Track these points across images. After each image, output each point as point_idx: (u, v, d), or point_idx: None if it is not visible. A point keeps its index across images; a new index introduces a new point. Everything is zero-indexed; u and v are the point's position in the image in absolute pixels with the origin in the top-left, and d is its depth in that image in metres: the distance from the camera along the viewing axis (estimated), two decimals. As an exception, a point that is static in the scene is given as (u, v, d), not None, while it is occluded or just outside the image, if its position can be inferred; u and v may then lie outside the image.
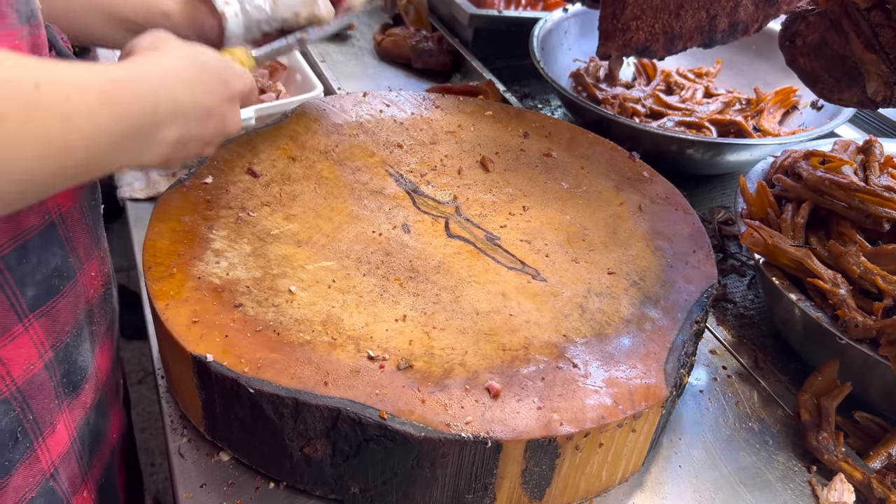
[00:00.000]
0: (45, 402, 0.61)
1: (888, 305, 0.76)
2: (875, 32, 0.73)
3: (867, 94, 0.79)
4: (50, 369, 0.60)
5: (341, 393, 0.62)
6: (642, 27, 1.03)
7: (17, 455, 0.59)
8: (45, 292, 0.58)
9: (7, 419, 0.57)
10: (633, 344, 0.70)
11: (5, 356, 0.55)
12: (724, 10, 1.03)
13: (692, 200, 0.94)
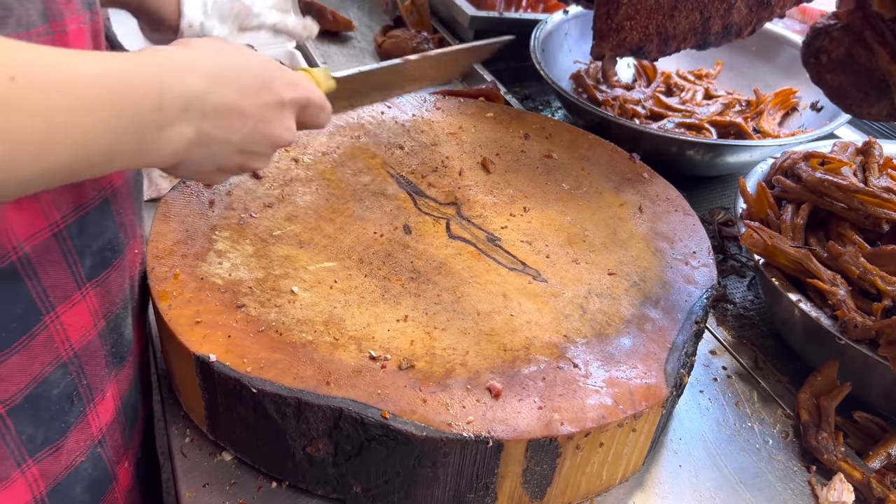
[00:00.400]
0: (97, 370, 0.63)
1: (887, 306, 0.77)
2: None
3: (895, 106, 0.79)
4: (102, 338, 0.63)
5: (343, 393, 0.62)
6: (636, 27, 1.04)
7: (72, 418, 0.61)
8: (100, 263, 0.60)
9: (65, 382, 0.59)
10: (633, 344, 0.71)
11: (66, 322, 0.57)
12: (718, 13, 1.03)
13: (692, 201, 0.94)
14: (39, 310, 0.55)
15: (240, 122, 0.54)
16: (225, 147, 0.54)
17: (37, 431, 0.57)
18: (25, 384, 0.55)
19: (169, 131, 0.49)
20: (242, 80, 0.54)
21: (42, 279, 0.54)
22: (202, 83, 0.50)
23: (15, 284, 0.52)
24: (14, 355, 0.53)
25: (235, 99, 0.53)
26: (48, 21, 0.49)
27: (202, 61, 0.51)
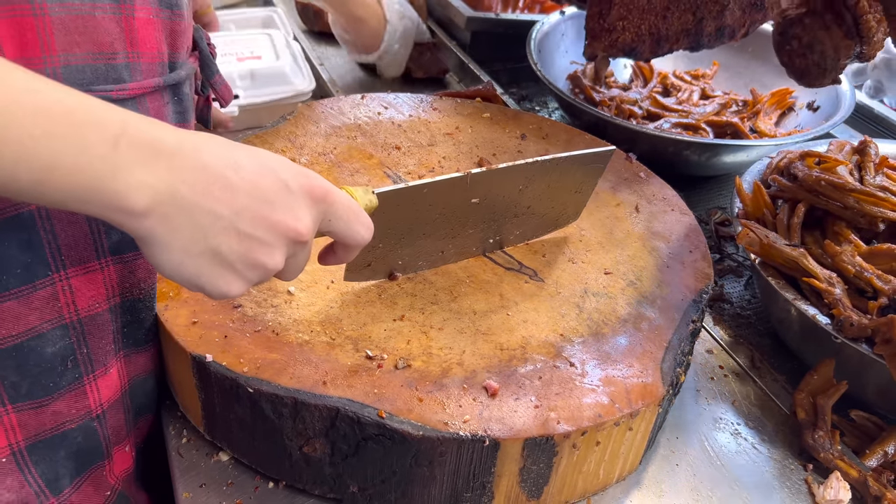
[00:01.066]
0: (101, 343, 0.63)
1: (883, 304, 0.77)
2: (857, 21, 0.77)
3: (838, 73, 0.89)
4: (113, 313, 0.63)
5: (340, 392, 0.62)
6: (629, 28, 1.04)
7: (63, 381, 0.61)
8: (125, 242, 0.60)
9: (63, 344, 0.59)
10: (629, 343, 0.71)
11: (76, 285, 0.58)
12: (711, 14, 1.04)
13: (689, 201, 0.94)
14: (49, 265, 0.55)
15: (228, 193, 0.47)
16: (215, 221, 0.47)
17: (21, 381, 0.58)
18: (16, 331, 0.55)
19: (127, 176, 0.43)
20: (235, 155, 0.49)
21: (59, 236, 0.54)
22: (178, 143, 0.46)
23: (27, 233, 0.52)
24: (10, 301, 0.54)
25: (221, 169, 0.47)
26: (117, 1, 0.51)
27: (190, 135, 0.47)
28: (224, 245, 0.48)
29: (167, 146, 0.45)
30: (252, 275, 0.51)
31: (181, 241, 0.47)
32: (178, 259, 0.48)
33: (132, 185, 0.44)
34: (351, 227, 0.56)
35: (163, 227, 0.46)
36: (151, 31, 0.56)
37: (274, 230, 0.50)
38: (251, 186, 0.48)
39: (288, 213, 0.50)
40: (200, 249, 0.48)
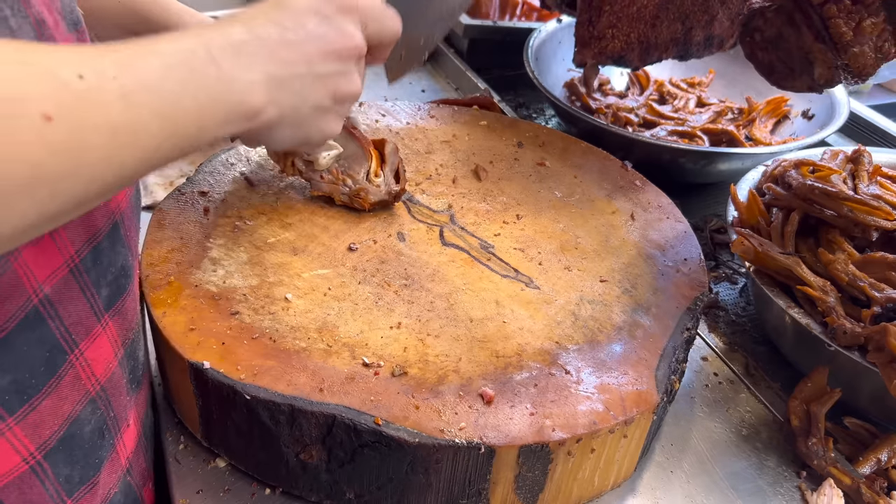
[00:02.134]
0: (120, 399, 0.62)
1: (876, 313, 0.77)
2: (826, 25, 0.78)
3: (814, 79, 0.87)
4: (123, 366, 0.62)
5: (336, 399, 0.62)
6: (618, 36, 1.05)
7: (104, 452, 0.60)
8: (116, 291, 0.60)
9: (95, 417, 0.58)
10: (624, 351, 0.71)
11: (90, 357, 0.57)
12: (700, 23, 1.05)
13: (685, 208, 0.95)
14: (64, 349, 0.54)
15: (296, 51, 0.54)
16: (303, 80, 0.55)
17: (73, 471, 0.56)
18: (59, 426, 0.54)
19: (238, 78, 0.49)
20: (277, 16, 0.54)
21: (64, 318, 0.53)
22: (239, 29, 0.51)
23: (39, 328, 0.51)
24: (45, 399, 0.52)
25: (279, 34, 0.53)
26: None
27: (236, 16, 0.52)
28: (317, 94, 0.56)
29: (240, 40, 0.50)
30: (344, 108, 0.61)
31: (291, 113, 0.55)
32: (291, 131, 0.56)
33: (245, 88, 0.50)
34: (383, 22, 0.63)
35: (277, 110, 0.53)
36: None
37: (342, 57, 0.57)
38: (305, 34, 0.55)
39: (341, 37, 0.57)
40: (306, 112, 0.56)
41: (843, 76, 0.90)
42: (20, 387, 0.50)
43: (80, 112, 0.39)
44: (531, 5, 1.67)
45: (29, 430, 0.51)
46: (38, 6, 0.47)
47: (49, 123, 0.37)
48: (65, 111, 0.38)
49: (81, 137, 0.39)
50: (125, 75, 0.42)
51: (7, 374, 0.49)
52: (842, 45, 0.83)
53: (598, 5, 1.06)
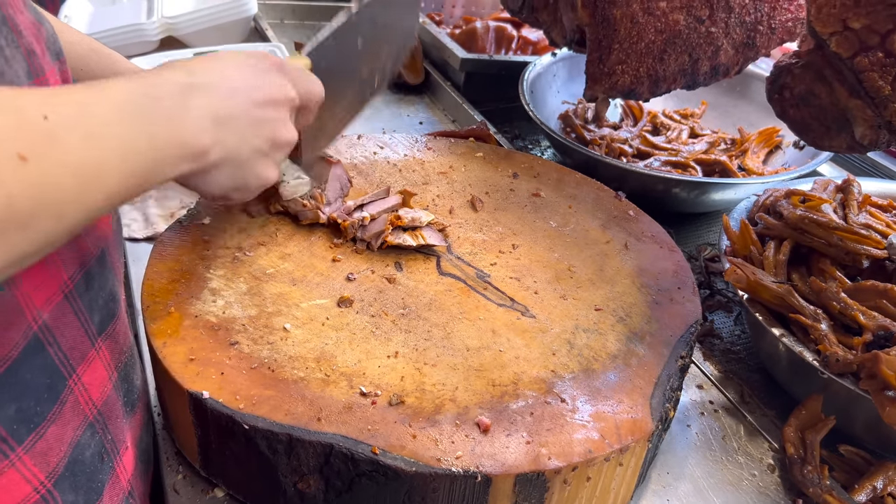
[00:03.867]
0: (117, 422, 0.63)
1: (868, 340, 0.78)
2: (859, 79, 0.77)
3: (856, 139, 0.82)
4: (117, 389, 0.63)
5: (334, 429, 0.63)
6: (627, 71, 1.07)
7: (104, 476, 0.61)
8: (107, 316, 0.61)
9: (94, 442, 0.59)
10: (619, 379, 0.72)
11: (87, 381, 0.58)
12: (706, 54, 1.07)
13: (679, 237, 0.97)
14: (63, 375, 0.55)
15: (238, 96, 0.57)
16: (243, 122, 0.57)
17: (78, 496, 0.57)
18: (64, 453, 0.55)
19: (186, 117, 0.52)
20: (220, 65, 0.57)
21: (61, 344, 0.54)
22: (190, 74, 0.54)
23: (41, 355, 0.52)
24: (50, 426, 0.53)
25: (224, 80, 0.56)
26: (32, 78, 0.51)
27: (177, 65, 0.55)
28: (256, 138, 0.59)
29: (182, 81, 0.53)
30: (279, 154, 0.63)
31: (231, 155, 0.57)
32: (230, 172, 0.58)
33: (193, 128, 0.52)
34: (309, 83, 0.67)
35: (220, 151, 0.55)
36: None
37: (278, 105, 0.61)
38: (244, 82, 0.58)
39: (277, 87, 0.61)
40: (246, 155, 0.58)
41: (889, 137, 0.82)
42: (26, 415, 0.51)
43: (50, 152, 0.40)
44: (526, 39, 1.71)
45: (38, 458, 0.52)
46: (28, 38, 0.50)
47: (24, 163, 0.38)
48: (37, 151, 0.39)
49: (53, 177, 0.40)
50: (85, 115, 0.44)
51: (13, 403, 0.50)
52: (880, 99, 0.78)
53: (607, 44, 1.09)
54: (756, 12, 1.06)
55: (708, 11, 1.05)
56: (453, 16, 1.98)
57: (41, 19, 0.54)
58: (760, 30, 1.07)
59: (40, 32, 0.53)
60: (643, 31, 1.04)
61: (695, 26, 1.05)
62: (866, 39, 0.75)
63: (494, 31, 1.69)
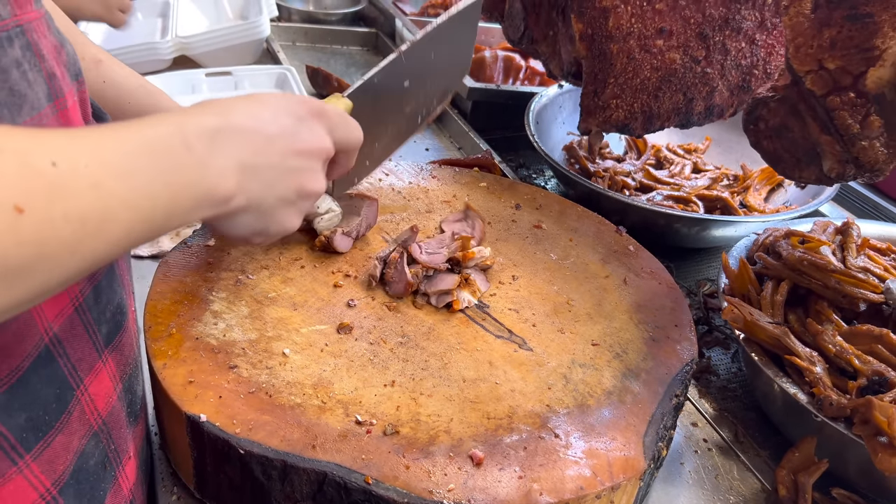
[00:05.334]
0: (121, 432, 0.64)
1: (862, 385, 0.79)
2: (830, 116, 0.79)
3: (823, 171, 0.85)
4: (122, 400, 0.64)
5: (328, 457, 0.64)
6: (622, 105, 1.09)
7: (107, 484, 0.62)
8: (114, 328, 0.62)
9: (98, 451, 0.60)
10: (613, 416, 0.73)
11: (93, 392, 0.58)
12: (701, 95, 1.09)
13: (680, 272, 0.97)
14: (71, 385, 0.56)
15: (270, 144, 0.55)
16: (273, 171, 0.56)
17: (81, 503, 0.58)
18: (70, 461, 0.56)
19: (212, 164, 0.50)
20: (256, 109, 0.56)
21: (70, 355, 0.55)
22: (220, 117, 0.52)
23: (50, 366, 0.53)
24: (58, 435, 0.54)
25: (257, 126, 0.55)
26: (52, 100, 0.51)
27: (210, 105, 0.54)
28: (283, 187, 0.57)
29: (216, 126, 0.51)
30: (306, 203, 0.62)
31: (255, 202, 0.56)
32: (253, 219, 0.57)
33: (218, 175, 0.51)
34: (348, 130, 0.66)
35: (245, 198, 0.54)
36: (77, 114, 0.55)
37: (311, 156, 0.60)
38: (280, 130, 0.57)
39: (312, 137, 0.60)
40: (271, 202, 0.57)
41: (855, 171, 0.86)
42: (35, 424, 0.52)
43: (51, 202, 0.38)
44: (534, 70, 1.73)
45: (45, 465, 0.53)
46: (50, 61, 0.51)
47: (20, 216, 0.36)
48: (36, 202, 0.37)
49: (51, 228, 0.38)
50: (97, 162, 0.42)
51: (23, 412, 0.51)
52: (848, 137, 0.81)
53: (602, 77, 1.11)
54: (752, 56, 1.08)
55: (704, 52, 1.07)
56: (463, 43, 2.00)
57: (63, 41, 0.55)
58: (756, 73, 1.09)
59: (61, 55, 0.54)
60: (639, 68, 1.06)
61: (691, 66, 1.07)
62: (839, 80, 0.78)
63: (503, 60, 1.71)
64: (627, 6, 1.09)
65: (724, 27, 1.14)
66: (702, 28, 1.13)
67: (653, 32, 1.11)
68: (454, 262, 0.88)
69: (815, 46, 0.80)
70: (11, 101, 0.46)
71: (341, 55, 1.89)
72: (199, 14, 1.79)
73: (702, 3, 1.11)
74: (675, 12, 1.11)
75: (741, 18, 1.14)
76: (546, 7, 1.23)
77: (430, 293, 0.84)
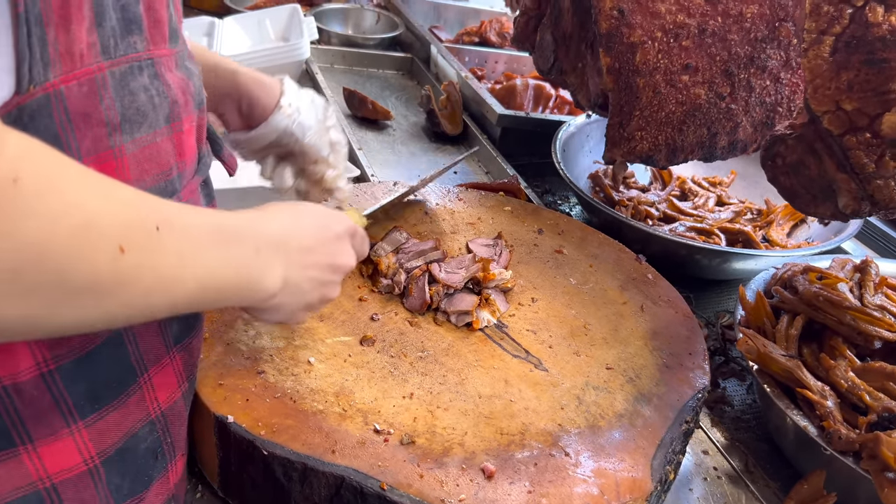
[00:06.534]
0: (179, 429, 0.68)
1: (872, 420, 0.80)
2: (847, 155, 0.81)
3: (839, 208, 0.87)
4: (186, 399, 0.68)
5: (347, 462, 0.67)
6: (646, 138, 1.11)
7: (155, 472, 0.65)
8: (185, 329, 0.67)
9: (151, 438, 0.64)
10: (623, 438, 0.75)
11: (157, 383, 0.63)
12: (724, 130, 1.11)
13: (700, 302, 0.99)
14: (136, 371, 0.61)
15: (314, 257, 0.65)
16: (307, 284, 0.65)
17: (123, 482, 0.62)
18: (119, 438, 0.60)
19: (269, 272, 0.59)
20: (305, 221, 0.66)
21: (140, 344, 0.61)
22: (283, 230, 0.63)
23: (119, 350, 0.59)
24: (113, 412, 0.59)
25: (308, 241, 0.65)
26: (170, 122, 0.58)
27: (274, 214, 0.63)
28: (312, 295, 0.66)
29: (278, 238, 0.61)
30: (322, 306, 0.71)
31: (290, 302, 0.64)
32: (285, 316, 0.66)
33: (269, 276, 0.59)
34: (363, 250, 0.75)
35: (283, 298, 0.62)
36: (191, 137, 0.63)
37: (338, 272, 0.69)
38: (319, 245, 0.66)
39: (342, 255, 0.70)
40: (299, 304, 0.66)
41: (870, 209, 0.88)
42: (94, 396, 0.57)
43: (145, 256, 0.47)
44: (564, 98, 1.76)
45: (94, 435, 0.57)
46: (175, 90, 0.59)
47: (121, 255, 0.45)
48: (135, 250, 0.46)
49: (138, 274, 0.47)
50: (188, 238, 0.51)
51: (84, 382, 0.56)
52: (864, 175, 0.84)
53: (628, 110, 1.14)
54: (777, 94, 1.10)
55: (729, 89, 1.09)
56: (495, 71, 2.05)
57: (190, 76, 0.63)
58: (780, 111, 1.11)
59: (188, 87, 0.61)
60: (664, 102, 1.09)
61: (715, 102, 1.10)
62: (856, 120, 0.80)
63: (534, 88, 1.75)
64: (655, 42, 1.12)
65: (749, 65, 1.17)
66: (727, 65, 1.16)
67: (679, 68, 1.15)
68: (474, 282, 0.91)
69: (832, 88, 0.83)
70: (136, 117, 0.54)
71: (377, 78, 1.95)
72: (244, 34, 1.86)
73: (728, 42, 1.14)
74: (701, 49, 1.14)
75: (766, 57, 1.17)
76: (576, 40, 1.27)
77: (450, 312, 0.88)
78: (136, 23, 0.53)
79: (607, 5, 1.10)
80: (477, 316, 0.87)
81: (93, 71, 0.49)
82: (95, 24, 0.49)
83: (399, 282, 0.90)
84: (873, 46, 0.80)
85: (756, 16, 1.13)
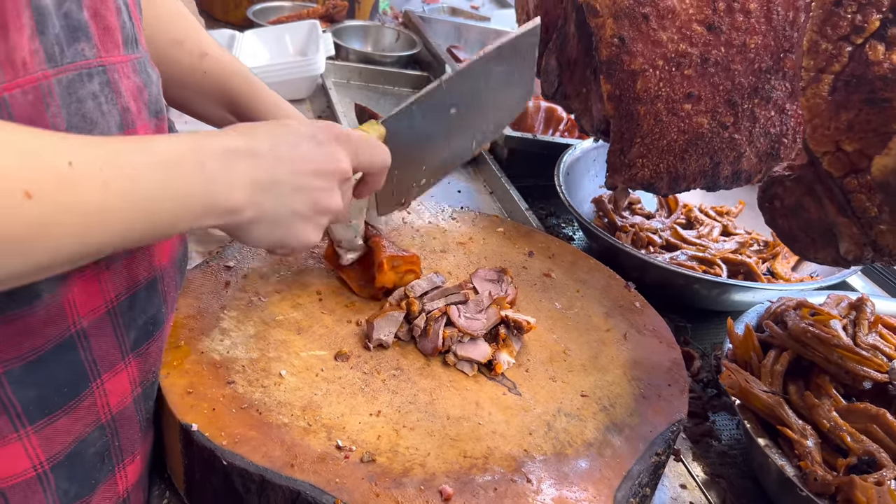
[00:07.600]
0: (130, 433, 0.69)
1: (851, 463, 0.78)
2: (847, 198, 0.79)
3: (840, 253, 0.84)
4: (137, 404, 0.69)
5: (304, 476, 0.67)
6: (647, 165, 1.11)
7: (101, 476, 0.66)
8: (143, 336, 0.68)
9: (100, 443, 0.65)
10: (589, 467, 0.74)
11: (109, 388, 0.64)
12: (728, 159, 1.10)
13: (697, 333, 0.97)
14: (88, 376, 0.61)
15: (285, 164, 0.62)
16: (285, 188, 0.62)
17: (71, 486, 0.62)
18: (69, 443, 0.61)
19: (220, 179, 0.56)
20: (285, 133, 0.63)
21: (94, 350, 0.61)
22: (246, 141, 0.59)
23: (71, 354, 0.59)
24: (63, 417, 0.59)
25: (283, 148, 0.62)
26: (123, 130, 0.58)
27: (240, 130, 0.60)
28: (297, 203, 0.63)
29: (233, 147, 0.58)
30: (323, 219, 0.68)
31: (268, 214, 0.61)
32: (267, 230, 0.63)
33: (225, 188, 0.57)
34: (373, 154, 0.72)
35: (255, 211, 0.60)
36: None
37: (325, 176, 0.65)
38: (295, 153, 0.63)
39: (328, 160, 0.66)
40: (283, 214, 0.63)
41: (873, 255, 0.85)
42: (44, 402, 0.57)
43: (59, 195, 0.45)
44: (574, 122, 1.76)
45: (43, 440, 0.58)
46: (126, 97, 0.58)
47: (27, 200, 0.43)
48: (45, 192, 0.44)
49: (55, 217, 0.45)
50: (111, 168, 0.48)
51: (35, 388, 0.56)
52: (866, 220, 0.80)
53: (629, 137, 1.14)
54: (782, 125, 1.09)
55: (733, 119, 1.08)
56: (510, 92, 2.05)
57: (148, 84, 0.63)
58: (785, 142, 1.10)
59: (142, 94, 0.61)
60: (666, 130, 1.08)
61: (718, 131, 1.09)
62: (857, 162, 0.78)
63: (545, 111, 1.75)
64: (656, 70, 1.12)
65: (753, 95, 1.16)
66: (731, 95, 1.15)
67: (681, 96, 1.14)
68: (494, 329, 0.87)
69: (832, 128, 0.80)
70: (83, 125, 0.54)
71: (391, 95, 1.97)
72: (263, 48, 1.89)
73: (731, 72, 1.13)
74: (703, 78, 1.13)
75: (771, 88, 1.16)
76: (580, 66, 1.27)
77: (461, 356, 0.84)
78: (81, 30, 0.53)
79: (608, 33, 1.10)
80: (498, 359, 0.84)
81: (37, 79, 0.49)
82: (37, 31, 0.49)
83: (418, 325, 0.85)
84: (874, 85, 0.78)
85: (760, 46, 1.12)
